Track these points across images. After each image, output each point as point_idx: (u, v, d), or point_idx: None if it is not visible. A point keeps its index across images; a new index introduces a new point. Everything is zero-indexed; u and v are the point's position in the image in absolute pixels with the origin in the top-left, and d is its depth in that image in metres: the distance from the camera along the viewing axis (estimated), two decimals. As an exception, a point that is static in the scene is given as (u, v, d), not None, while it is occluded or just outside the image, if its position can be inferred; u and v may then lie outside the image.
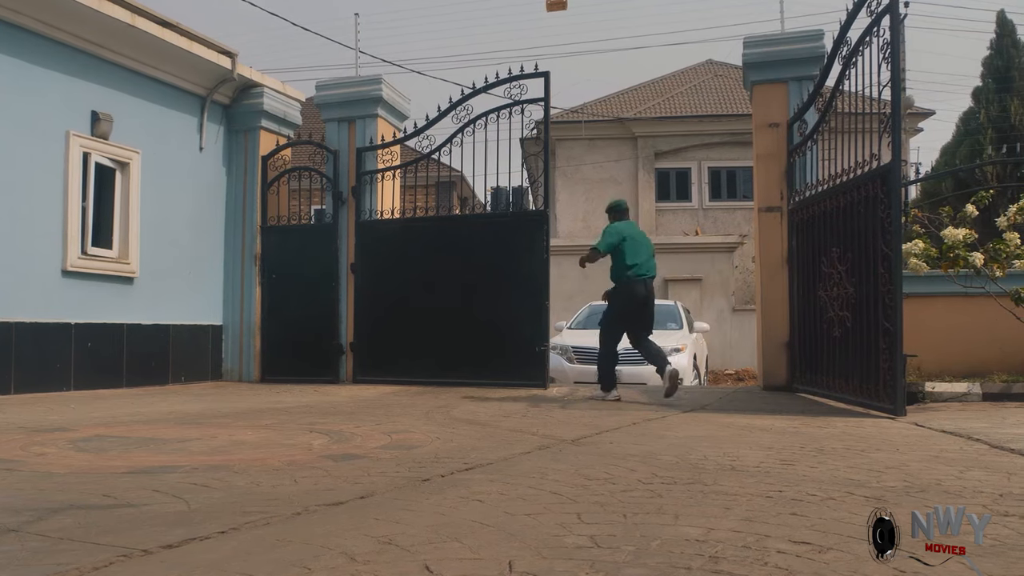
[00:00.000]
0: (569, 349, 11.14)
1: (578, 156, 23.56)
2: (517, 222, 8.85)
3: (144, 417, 5.64)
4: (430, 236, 9.33)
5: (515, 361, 8.52)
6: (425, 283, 9.05)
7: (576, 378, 10.57)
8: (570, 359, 11.02)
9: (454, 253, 8.97)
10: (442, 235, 9.28)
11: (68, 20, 7.76)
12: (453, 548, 2.17)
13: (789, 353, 7.95)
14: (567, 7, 18.35)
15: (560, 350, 11.25)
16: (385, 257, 9.37)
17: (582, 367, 10.80)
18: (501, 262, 8.68)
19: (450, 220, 10.19)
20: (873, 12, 6.11)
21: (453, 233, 9.23)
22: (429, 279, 9.03)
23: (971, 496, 2.87)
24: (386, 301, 9.28)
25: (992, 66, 22.49)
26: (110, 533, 2.33)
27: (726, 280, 18.35)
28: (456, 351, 8.85)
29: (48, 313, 7.66)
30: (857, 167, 6.39)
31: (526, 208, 9.72)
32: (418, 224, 9.58)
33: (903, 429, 5.08)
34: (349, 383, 9.17)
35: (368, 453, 3.96)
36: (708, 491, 2.98)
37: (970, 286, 7.22)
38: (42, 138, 7.69)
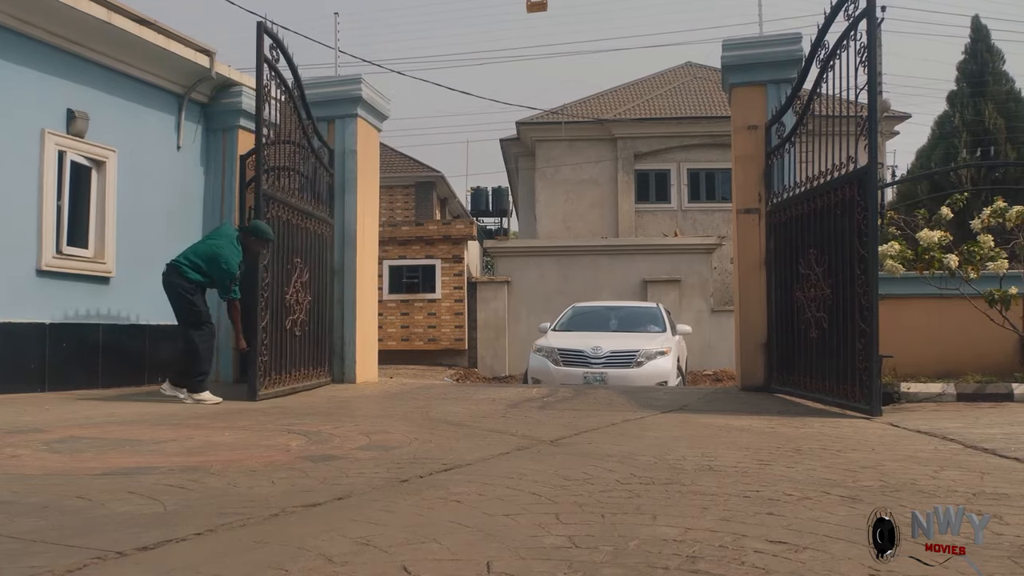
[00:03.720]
0: (555, 351, 11.15)
1: (558, 157, 23.60)
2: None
3: (120, 418, 5.59)
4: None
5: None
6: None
7: (562, 380, 10.61)
8: (556, 361, 11.05)
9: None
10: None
11: (43, 17, 7.67)
12: (431, 549, 2.17)
13: (767, 354, 8.00)
14: (547, 8, 18.41)
15: (546, 352, 11.26)
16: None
17: (568, 369, 10.84)
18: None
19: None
20: (850, 16, 6.17)
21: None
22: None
23: (945, 495, 2.91)
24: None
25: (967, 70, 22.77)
26: (84, 535, 2.30)
27: (705, 281, 18.45)
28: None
29: (22, 313, 7.56)
30: (834, 169, 6.45)
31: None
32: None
33: (879, 429, 5.13)
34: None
35: (346, 454, 3.94)
36: (686, 491, 2.99)
37: (945, 288, 7.31)
38: (16, 136, 7.59)
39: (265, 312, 7.19)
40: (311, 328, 8.41)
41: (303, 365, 8.20)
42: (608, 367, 10.81)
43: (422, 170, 30.32)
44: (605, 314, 12.98)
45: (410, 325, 18.58)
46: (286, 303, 7.71)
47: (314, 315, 8.51)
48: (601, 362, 10.87)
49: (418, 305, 18.61)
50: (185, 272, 7.13)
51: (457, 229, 19.08)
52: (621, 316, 12.83)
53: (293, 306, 7.87)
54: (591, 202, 23.39)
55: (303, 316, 8.12)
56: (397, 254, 18.66)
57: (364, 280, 9.72)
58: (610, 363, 10.86)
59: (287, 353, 7.73)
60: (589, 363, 10.89)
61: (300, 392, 7.91)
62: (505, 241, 22.24)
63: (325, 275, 9.04)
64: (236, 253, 7.19)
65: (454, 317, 18.55)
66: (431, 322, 18.57)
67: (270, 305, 7.30)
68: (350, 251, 9.49)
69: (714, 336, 17.40)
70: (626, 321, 12.56)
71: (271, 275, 7.36)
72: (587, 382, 10.59)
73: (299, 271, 8.05)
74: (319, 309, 8.74)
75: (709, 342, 17.41)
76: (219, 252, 7.14)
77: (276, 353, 7.47)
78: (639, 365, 10.83)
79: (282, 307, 7.63)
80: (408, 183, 29.62)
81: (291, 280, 7.85)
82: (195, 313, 7.15)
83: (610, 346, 11.10)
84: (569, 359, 11.02)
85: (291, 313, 7.83)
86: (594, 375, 10.72)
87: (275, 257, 7.49)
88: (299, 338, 8.05)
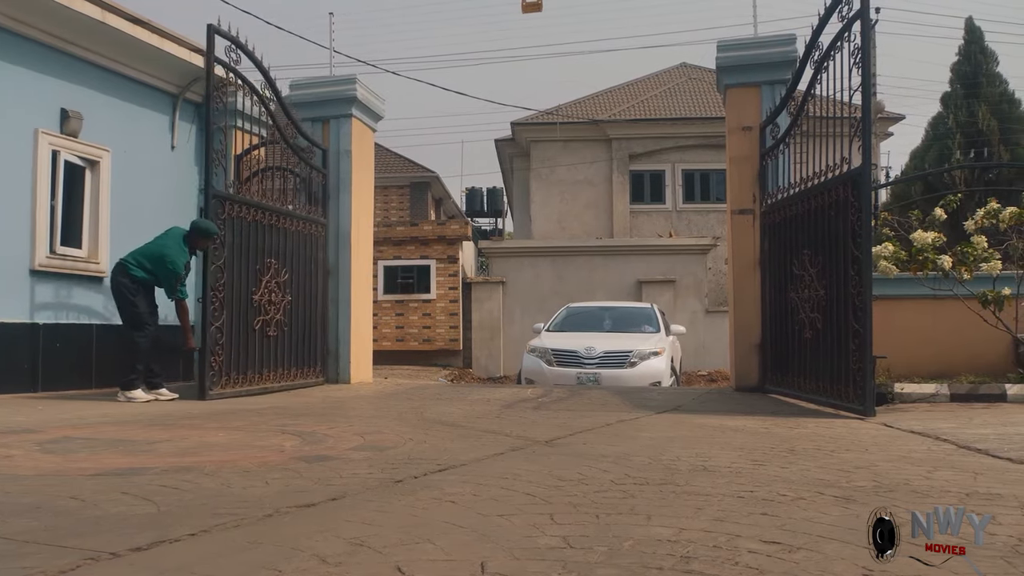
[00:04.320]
0: (549, 352, 11.14)
1: (553, 158, 23.61)
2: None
3: (113, 418, 5.57)
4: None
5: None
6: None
7: (556, 381, 10.61)
8: (549, 362, 11.03)
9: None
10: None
11: (38, 16, 7.64)
12: (425, 549, 2.17)
13: (761, 354, 8.02)
14: (542, 8, 18.40)
15: (539, 352, 11.26)
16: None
17: (562, 370, 10.84)
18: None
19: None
20: (844, 17, 6.19)
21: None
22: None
23: (938, 496, 2.91)
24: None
25: (960, 72, 22.86)
26: (77, 536, 2.30)
27: (699, 282, 18.47)
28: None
29: (15, 313, 7.54)
30: (828, 170, 6.47)
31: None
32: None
33: (872, 430, 5.14)
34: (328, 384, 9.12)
35: (340, 455, 3.93)
36: (680, 491, 3.00)
37: (938, 288, 7.33)
38: (10, 135, 7.56)
39: (221, 312, 7.26)
40: (293, 328, 8.46)
41: (281, 365, 8.25)
42: (602, 367, 10.80)
43: (417, 170, 30.30)
44: (599, 314, 12.97)
45: (405, 325, 18.57)
46: (253, 303, 7.79)
47: (298, 315, 8.56)
48: (595, 362, 10.86)
49: (413, 305, 18.60)
50: (131, 270, 7.25)
51: (452, 229, 19.07)
52: (615, 317, 12.82)
53: (265, 306, 7.96)
54: (586, 202, 23.40)
55: (280, 316, 8.18)
56: (392, 254, 18.64)
57: (359, 280, 9.71)
58: (604, 363, 10.85)
59: (255, 353, 7.80)
60: (583, 363, 10.88)
61: (276, 392, 7.96)
62: (500, 241, 22.24)
63: (316, 275, 9.05)
64: (182, 254, 7.31)
65: (449, 318, 18.54)
66: (426, 322, 18.55)
67: (227, 305, 7.37)
68: (344, 251, 9.48)
69: (709, 336, 17.41)
70: (620, 322, 12.55)
71: (228, 275, 7.41)
72: (581, 382, 10.59)
73: (273, 271, 8.11)
74: (306, 309, 8.78)
75: (704, 342, 17.43)
76: (165, 252, 7.27)
77: (238, 353, 7.52)
78: (632, 365, 10.81)
79: (248, 307, 7.71)
80: (403, 183, 29.60)
81: (261, 280, 7.92)
82: (136, 315, 7.25)
83: (604, 347, 11.09)
84: (563, 359, 11.01)
85: (261, 313, 7.90)
86: (588, 375, 10.71)
87: (235, 257, 7.55)
88: (274, 338, 8.11)
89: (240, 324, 7.56)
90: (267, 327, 7.97)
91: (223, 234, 7.37)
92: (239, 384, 7.52)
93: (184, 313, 7.45)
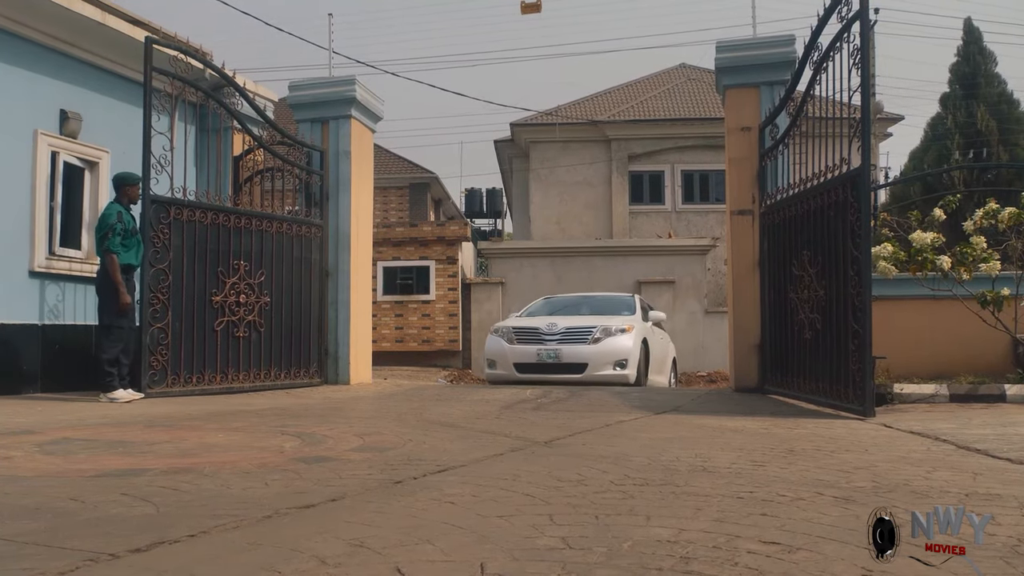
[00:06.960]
0: (510, 330, 10.91)
1: (552, 158, 23.62)
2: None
3: (113, 420, 5.57)
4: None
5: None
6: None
7: (515, 359, 10.41)
8: (510, 340, 10.73)
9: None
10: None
11: (37, 18, 7.65)
12: (425, 550, 2.17)
13: (760, 355, 8.02)
14: (541, 9, 18.42)
15: (502, 332, 11.06)
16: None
17: (522, 347, 10.51)
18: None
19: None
20: (844, 18, 6.19)
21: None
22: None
23: (938, 496, 2.91)
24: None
25: (959, 73, 22.89)
26: (77, 537, 2.29)
27: (699, 282, 18.47)
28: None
29: (15, 314, 7.54)
30: (827, 171, 6.47)
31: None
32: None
33: (872, 430, 5.14)
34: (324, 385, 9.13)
35: (340, 456, 3.93)
36: (680, 492, 2.99)
37: (938, 289, 7.33)
38: (9, 137, 7.57)
39: (165, 313, 7.39)
40: (274, 329, 8.52)
41: (256, 366, 8.30)
42: (563, 343, 10.39)
43: (416, 171, 30.29)
44: (577, 302, 12.58)
45: (404, 326, 18.57)
46: (213, 304, 7.86)
47: (280, 316, 8.63)
48: (555, 338, 10.47)
49: (412, 306, 18.60)
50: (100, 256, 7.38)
51: (451, 230, 19.07)
52: (593, 304, 12.36)
53: (232, 307, 8.04)
54: (585, 203, 23.40)
55: (253, 317, 8.25)
56: (391, 255, 18.64)
57: (358, 281, 9.71)
58: (565, 339, 10.43)
59: (215, 354, 7.87)
60: (543, 339, 10.51)
61: (251, 392, 8.02)
62: (499, 242, 22.25)
63: (308, 276, 9.06)
64: (112, 210, 7.32)
65: (448, 318, 18.54)
66: (425, 323, 18.55)
67: (173, 307, 7.47)
68: (344, 252, 9.48)
69: (708, 337, 17.41)
70: (597, 308, 12.08)
71: (174, 277, 7.51)
72: (540, 359, 10.29)
73: (243, 272, 8.17)
74: (294, 310, 8.83)
75: (703, 343, 17.43)
76: (101, 214, 7.50)
77: (190, 354, 7.61)
78: (596, 342, 10.34)
79: (207, 308, 7.80)
80: (402, 184, 29.58)
81: (225, 282, 7.99)
82: (107, 309, 7.28)
83: (567, 323, 10.77)
84: (523, 337, 10.59)
85: (226, 314, 7.98)
86: (548, 352, 10.35)
87: (186, 259, 7.63)
88: (244, 339, 8.17)
89: (192, 325, 7.64)
90: (234, 328, 8.06)
91: (168, 237, 7.47)
92: (192, 383, 7.61)
93: (113, 267, 7.20)
